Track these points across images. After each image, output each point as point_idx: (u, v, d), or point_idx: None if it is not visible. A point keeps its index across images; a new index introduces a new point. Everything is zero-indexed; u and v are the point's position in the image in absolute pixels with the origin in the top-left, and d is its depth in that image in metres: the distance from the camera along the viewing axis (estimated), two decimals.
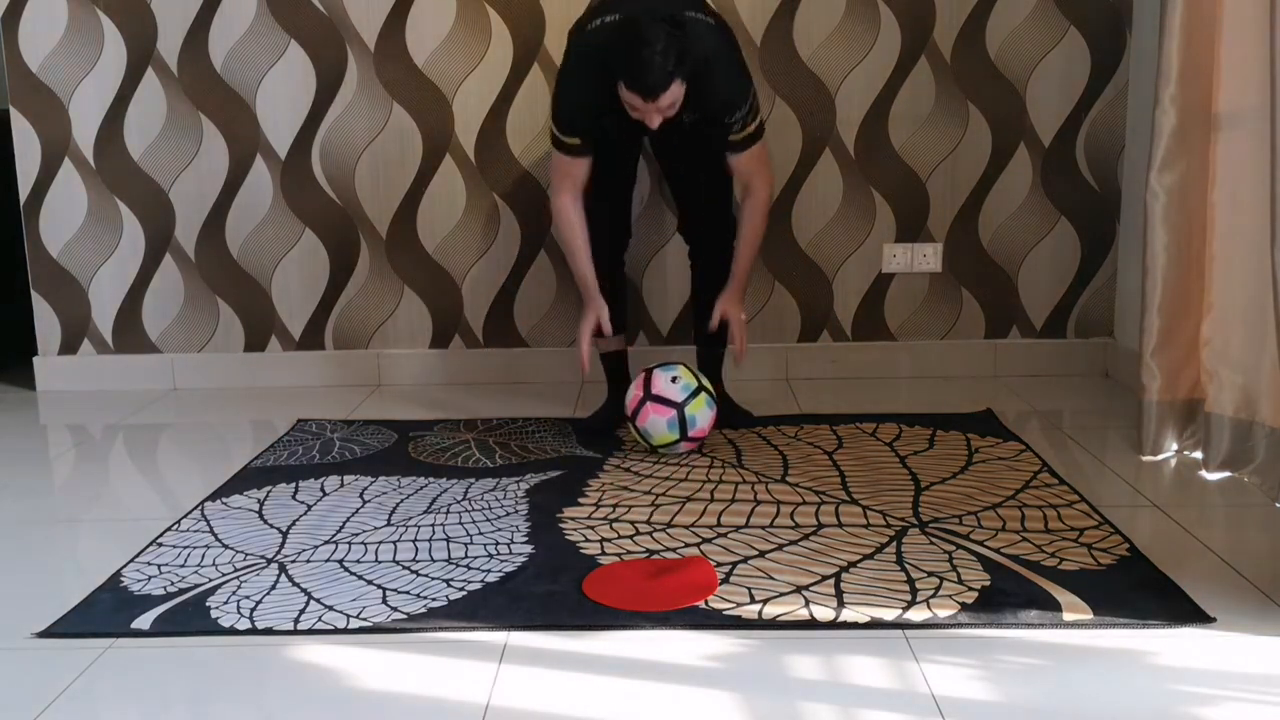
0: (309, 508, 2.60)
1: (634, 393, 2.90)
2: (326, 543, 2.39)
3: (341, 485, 2.74)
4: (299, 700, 1.79)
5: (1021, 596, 2.06)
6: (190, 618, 2.05)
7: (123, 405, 3.59)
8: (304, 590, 2.16)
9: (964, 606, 2.02)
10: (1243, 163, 2.61)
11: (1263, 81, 2.49)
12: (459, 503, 2.60)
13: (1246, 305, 2.63)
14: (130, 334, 3.78)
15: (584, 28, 2.85)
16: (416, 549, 2.34)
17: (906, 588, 2.10)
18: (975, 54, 3.55)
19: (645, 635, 1.97)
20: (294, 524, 2.50)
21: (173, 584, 2.20)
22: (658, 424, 2.85)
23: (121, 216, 3.70)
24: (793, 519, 2.46)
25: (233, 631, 2.01)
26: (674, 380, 2.88)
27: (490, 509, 2.56)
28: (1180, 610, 2.00)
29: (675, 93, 2.65)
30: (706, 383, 2.93)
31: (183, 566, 2.29)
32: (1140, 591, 2.07)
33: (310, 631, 2.00)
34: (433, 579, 2.19)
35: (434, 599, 2.10)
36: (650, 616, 2.01)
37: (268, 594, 2.15)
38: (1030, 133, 3.59)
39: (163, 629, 2.02)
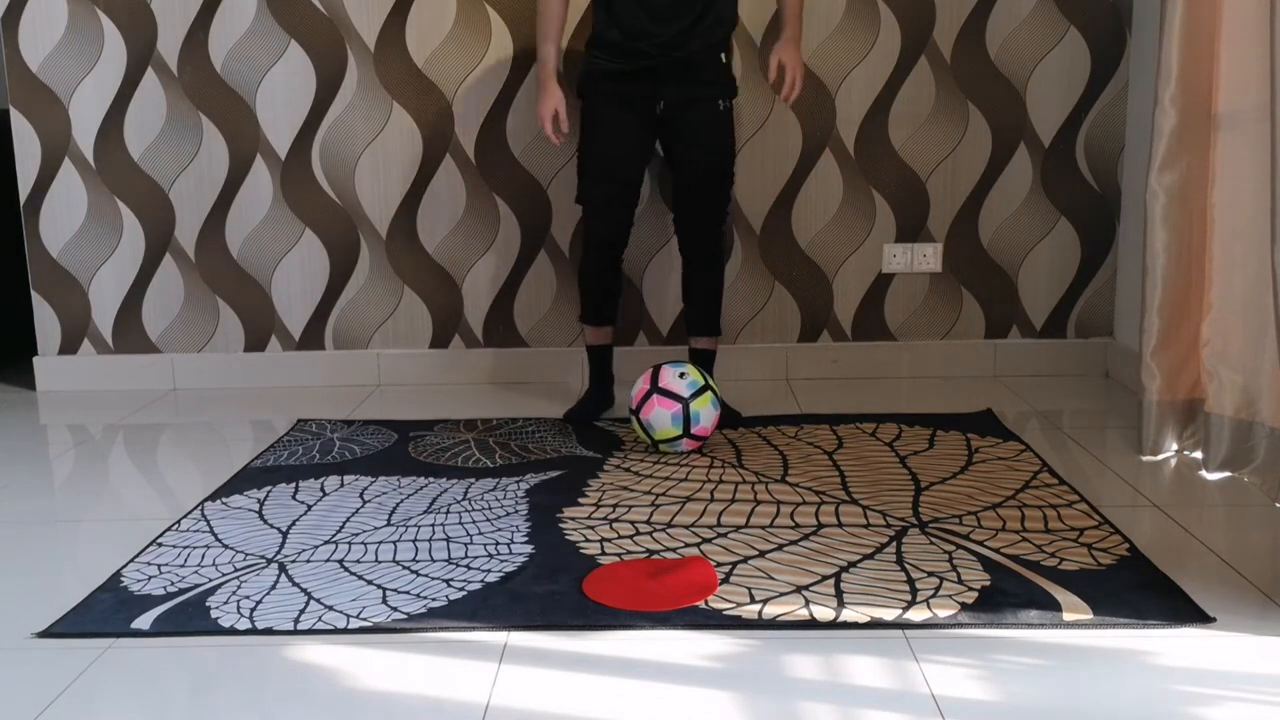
0: (309, 508, 2.60)
1: (640, 386, 2.92)
2: (326, 543, 2.39)
3: (341, 485, 2.74)
4: (299, 700, 1.79)
5: (1021, 596, 2.06)
6: (190, 618, 2.05)
7: (123, 405, 3.59)
8: (304, 590, 2.16)
9: (964, 606, 2.02)
10: (1243, 163, 2.61)
11: (1263, 81, 2.49)
12: (459, 503, 2.60)
13: (1246, 305, 2.63)
14: (130, 334, 3.77)
15: None
16: (416, 549, 2.34)
17: (906, 588, 2.10)
18: (975, 54, 3.55)
19: (645, 635, 1.97)
20: (294, 524, 2.50)
21: (173, 584, 2.20)
22: (662, 417, 2.86)
23: (121, 216, 3.70)
24: (793, 519, 2.46)
25: (233, 631, 2.01)
26: (681, 376, 2.89)
27: (490, 509, 2.56)
28: (1180, 610, 2.00)
29: None
30: (714, 384, 2.94)
31: (183, 566, 2.29)
32: (1140, 591, 2.07)
33: (310, 631, 2.00)
34: (433, 579, 2.19)
35: (434, 599, 2.10)
36: (650, 616, 2.01)
37: (268, 594, 2.15)
38: (1030, 133, 3.59)
39: (163, 629, 2.02)
